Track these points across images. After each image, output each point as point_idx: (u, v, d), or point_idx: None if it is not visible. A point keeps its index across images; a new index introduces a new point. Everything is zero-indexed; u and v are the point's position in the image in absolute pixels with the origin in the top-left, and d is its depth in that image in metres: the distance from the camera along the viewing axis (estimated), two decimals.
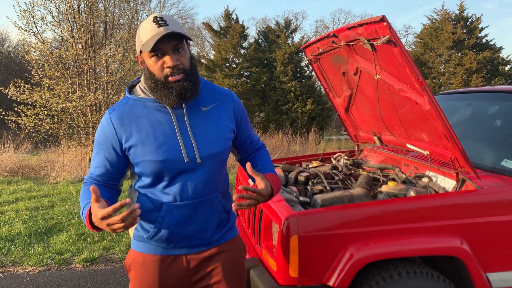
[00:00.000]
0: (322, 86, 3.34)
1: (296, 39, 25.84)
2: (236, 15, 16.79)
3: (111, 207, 1.13)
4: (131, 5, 17.53)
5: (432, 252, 1.86)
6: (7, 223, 4.88)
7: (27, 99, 8.09)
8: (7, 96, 8.20)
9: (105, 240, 4.27)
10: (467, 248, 1.88)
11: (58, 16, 8.90)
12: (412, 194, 2.16)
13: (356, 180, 2.64)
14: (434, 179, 2.38)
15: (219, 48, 16.13)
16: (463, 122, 2.86)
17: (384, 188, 2.29)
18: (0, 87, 8.39)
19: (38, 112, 8.15)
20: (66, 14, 8.72)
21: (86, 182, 1.44)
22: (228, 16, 16.68)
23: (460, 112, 2.96)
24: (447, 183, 2.27)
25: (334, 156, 3.37)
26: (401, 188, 2.23)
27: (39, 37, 8.59)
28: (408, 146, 2.63)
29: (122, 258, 3.86)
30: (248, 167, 1.39)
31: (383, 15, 1.94)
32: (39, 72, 8.33)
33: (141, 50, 1.33)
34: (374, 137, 3.12)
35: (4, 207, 5.67)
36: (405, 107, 2.39)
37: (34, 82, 8.61)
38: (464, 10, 16.95)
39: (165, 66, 1.32)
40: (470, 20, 16.95)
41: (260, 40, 17.31)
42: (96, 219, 1.18)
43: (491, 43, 17.00)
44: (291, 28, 17.29)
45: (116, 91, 9.30)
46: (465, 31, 16.72)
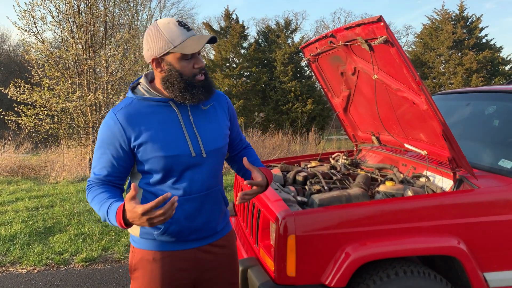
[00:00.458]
0: (320, 86, 3.35)
1: (296, 39, 25.91)
2: (236, 15, 16.84)
3: (153, 202, 1.18)
4: (131, 5, 17.54)
5: (429, 251, 1.87)
6: (6, 223, 4.89)
7: (27, 99, 8.11)
8: (7, 96, 8.22)
9: (104, 240, 4.28)
10: (464, 247, 1.89)
11: (58, 16, 8.93)
12: (410, 194, 2.16)
13: (354, 180, 2.64)
14: (432, 179, 2.39)
15: (219, 48, 16.16)
16: (461, 122, 2.87)
17: (381, 188, 2.29)
18: (0, 87, 8.41)
19: (38, 112, 8.16)
20: (66, 14, 8.74)
21: (92, 184, 1.44)
22: (228, 16, 16.71)
23: (458, 112, 2.96)
24: (445, 183, 2.28)
25: (333, 156, 3.37)
26: (398, 188, 2.23)
27: (39, 37, 8.61)
28: (406, 146, 2.64)
29: (122, 258, 3.86)
30: (245, 161, 1.52)
31: (380, 16, 1.95)
32: (39, 72, 8.35)
33: (168, 52, 1.38)
34: (372, 137, 3.13)
35: (4, 207, 5.68)
36: (402, 107, 2.39)
37: (34, 82, 8.63)
38: (464, 10, 16.97)
39: (195, 67, 1.42)
40: (470, 20, 16.96)
41: (260, 40, 17.34)
42: (134, 215, 1.21)
43: (491, 43, 17.02)
44: (291, 28, 17.32)
45: (116, 91, 9.31)
46: (465, 31, 16.73)
